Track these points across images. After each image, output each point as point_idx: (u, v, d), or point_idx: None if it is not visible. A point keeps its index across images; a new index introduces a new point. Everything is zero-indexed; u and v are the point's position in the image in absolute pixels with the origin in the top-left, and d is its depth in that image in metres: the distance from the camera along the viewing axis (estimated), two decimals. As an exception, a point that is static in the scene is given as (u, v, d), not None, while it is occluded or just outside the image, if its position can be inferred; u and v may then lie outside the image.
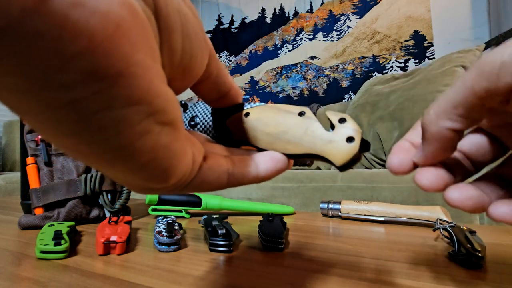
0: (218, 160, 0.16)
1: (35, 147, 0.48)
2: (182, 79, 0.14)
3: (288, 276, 0.26)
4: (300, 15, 2.24)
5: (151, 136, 0.11)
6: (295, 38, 2.24)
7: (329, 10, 2.13)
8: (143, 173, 0.12)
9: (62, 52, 0.08)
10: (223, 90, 0.18)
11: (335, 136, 0.17)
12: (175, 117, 0.12)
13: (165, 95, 0.11)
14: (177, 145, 0.12)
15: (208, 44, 0.15)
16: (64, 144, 0.10)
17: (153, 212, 0.51)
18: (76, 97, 0.08)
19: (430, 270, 0.27)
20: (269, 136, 0.18)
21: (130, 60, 0.09)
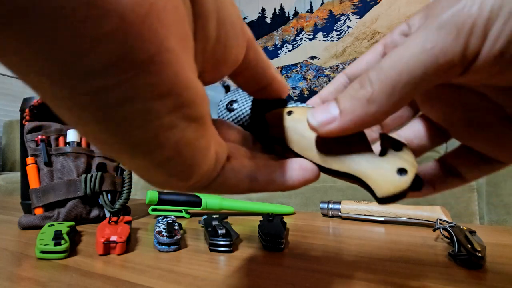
0: (241, 162, 0.15)
1: (35, 147, 0.48)
2: (213, 71, 0.13)
3: (288, 276, 0.26)
4: (300, 15, 2.24)
5: (176, 131, 0.10)
6: (295, 38, 2.24)
7: (329, 10, 2.13)
8: (164, 169, 0.11)
9: (89, 33, 0.07)
10: (263, 83, 0.16)
11: (385, 163, 0.14)
12: (203, 112, 0.11)
13: (195, 88, 0.10)
14: (203, 143, 0.11)
15: (245, 34, 0.13)
16: (86, 131, 0.10)
17: (153, 212, 0.51)
18: (102, 85, 0.08)
19: (430, 270, 0.27)
20: (308, 142, 0.16)
21: (163, 46, 0.08)
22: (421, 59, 0.11)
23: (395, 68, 0.12)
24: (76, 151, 0.48)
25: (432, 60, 0.11)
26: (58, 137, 0.50)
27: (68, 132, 0.50)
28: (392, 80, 0.12)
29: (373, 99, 0.12)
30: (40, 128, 0.49)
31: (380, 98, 0.12)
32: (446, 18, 0.11)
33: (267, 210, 0.54)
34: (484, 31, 0.11)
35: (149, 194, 0.49)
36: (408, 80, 0.12)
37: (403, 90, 0.12)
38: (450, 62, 0.11)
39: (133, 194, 1.28)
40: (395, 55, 0.12)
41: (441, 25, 0.11)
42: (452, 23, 0.11)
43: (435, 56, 0.11)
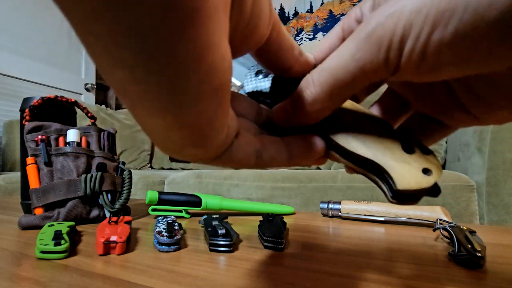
0: (248, 139, 0.15)
1: (35, 147, 0.48)
2: (239, 46, 0.13)
3: (288, 276, 0.26)
4: (300, 15, 2.24)
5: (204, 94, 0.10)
6: (295, 38, 2.25)
7: (329, 10, 2.13)
8: (183, 134, 0.11)
9: None
10: (285, 65, 0.17)
11: (412, 160, 0.15)
12: (228, 81, 0.11)
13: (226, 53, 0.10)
14: (221, 114, 0.12)
15: (273, 14, 0.14)
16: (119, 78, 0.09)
17: (153, 212, 0.51)
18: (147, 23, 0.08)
19: (430, 270, 0.27)
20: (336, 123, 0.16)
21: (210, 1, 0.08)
22: (351, 67, 0.13)
23: (331, 74, 0.14)
24: (76, 151, 0.48)
25: (360, 68, 0.13)
26: (58, 137, 0.50)
27: (68, 132, 0.50)
28: (329, 84, 0.14)
29: (316, 99, 0.15)
30: (40, 128, 0.49)
31: (322, 98, 0.15)
32: (371, 30, 0.13)
33: (267, 210, 0.54)
34: (399, 47, 0.12)
35: (149, 194, 0.49)
36: (341, 84, 0.14)
37: (339, 91, 0.14)
38: (375, 70, 0.13)
39: (133, 194, 1.28)
40: (331, 62, 0.14)
41: (367, 36, 0.13)
42: (375, 36, 0.13)
43: (362, 65, 0.13)
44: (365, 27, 0.13)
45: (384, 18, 0.12)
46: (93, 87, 2.32)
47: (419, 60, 0.12)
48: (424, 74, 0.13)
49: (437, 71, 0.13)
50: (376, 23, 0.13)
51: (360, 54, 0.13)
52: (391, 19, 0.12)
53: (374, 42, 0.13)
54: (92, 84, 2.32)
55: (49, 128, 0.50)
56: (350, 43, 0.13)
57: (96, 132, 0.53)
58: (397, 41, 0.12)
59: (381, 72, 0.13)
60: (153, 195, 0.49)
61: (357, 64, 0.13)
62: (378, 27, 0.13)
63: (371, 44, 0.13)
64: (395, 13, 0.12)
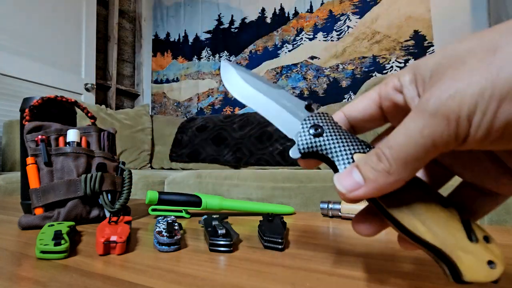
0: None
1: (35, 147, 0.48)
2: None
3: (288, 276, 0.26)
4: (300, 15, 2.24)
5: None
6: (295, 38, 2.24)
7: (329, 10, 2.13)
8: None
9: None
10: None
11: (477, 251, 0.15)
12: None
13: None
14: None
15: None
16: None
17: (153, 212, 0.51)
18: None
19: (430, 270, 0.27)
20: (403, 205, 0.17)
21: None
22: (421, 143, 0.15)
23: (404, 150, 0.15)
24: (76, 151, 0.48)
25: (430, 143, 0.14)
26: (58, 137, 0.50)
27: (68, 132, 0.50)
28: (403, 158, 0.15)
29: (392, 172, 0.16)
30: (40, 128, 0.49)
31: (397, 171, 0.16)
32: (435, 108, 0.14)
33: (267, 210, 0.54)
34: (468, 121, 0.14)
35: (149, 194, 0.49)
36: (414, 157, 0.15)
37: (414, 163, 0.15)
38: (446, 142, 0.14)
39: (133, 194, 1.28)
40: (399, 139, 0.15)
41: (432, 113, 0.14)
42: (441, 113, 0.14)
43: (433, 140, 0.14)
44: (426, 105, 0.14)
45: (445, 99, 0.14)
46: (93, 87, 2.32)
47: (488, 131, 0.13)
48: (491, 143, 0.14)
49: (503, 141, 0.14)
50: (440, 103, 0.14)
51: (428, 131, 0.14)
52: (453, 101, 0.14)
53: (441, 118, 0.14)
54: (92, 84, 2.31)
55: (49, 128, 0.50)
56: (416, 120, 0.15)
57: (96, 132, 0.53)
58: (465, 117, 0.13)
59: (451, 143, 0.14)
60: (153, 195, 0.49)
61: (427, 140, 0.14)
62: (441, 107, 0.14)
63: (438, 120, 0.14)
64: (455, 95, 0.13)
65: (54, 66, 2.09)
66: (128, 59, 2.83)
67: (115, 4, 2.58)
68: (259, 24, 2.38)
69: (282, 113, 0.22)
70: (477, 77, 0.13)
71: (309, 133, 0.19)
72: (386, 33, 1.93)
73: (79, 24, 2.27)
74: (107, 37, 2.59)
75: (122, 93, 2.74)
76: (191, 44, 2.67)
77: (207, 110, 2.56)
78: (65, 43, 2.17)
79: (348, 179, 0.17)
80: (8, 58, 1.81)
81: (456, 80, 0.14)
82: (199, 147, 1.86)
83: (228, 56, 2.50)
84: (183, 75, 2.69)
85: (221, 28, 2.54)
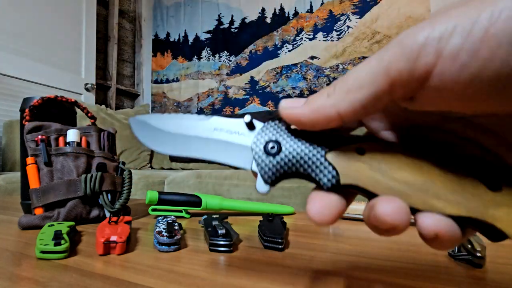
0: None
1: (35, 147, 0.48)
2: None
3: (288, 276, 0.26)
4: (300, 15, 2.24)
5: None
6: (295, 38, 2.24)
7: (329, 10, 2.13)
8: None
9: None
10: None
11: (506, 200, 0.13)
12: None
13: None
14: None
15: None
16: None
17: (153, 212, 0.51)
18: None
19: (430, 270, 0.27)
20: (403, 185, 0.14)
21: None
22: (374, 68, 0.13)
23: (353, 74, 0.13)
24: (76, 151, 0.48)
25: (383, 70, 0.12)
26: (58, 137, 0.50)
27: (68, 132, 0.50)
28: (348, 83, 0.13)
29: (330, 94, 0.14)
30: (40, 128, 0.49)
31: (336, 94, 0.14)
32: (403, 36, 0.12)
33: (267, 210, 0.54)
34: (437, 47, 0.11)
35: (149, 194, 0.49)
36: (360, 84, 0.13)
37: (356, 93, 0.13)
38: (400, 72, 0.12)
39: (133, 194, 1.28)
40: (358, 65, 0.13)
41: (398, 41, 0.12)
42: (408, 38, 0.12)
43: (387, 66, 0.12)
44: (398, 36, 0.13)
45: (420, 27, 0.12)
46: (93, 87, 2.32)
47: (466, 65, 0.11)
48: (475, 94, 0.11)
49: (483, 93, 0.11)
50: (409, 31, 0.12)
51: (386, 55, 0.12)
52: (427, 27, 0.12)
53: (406, 41, 0.12)
54: (92, 84, 2.31)
55: (49, 128, 0.50)
56: (378, 52, 0.13)
57: (96, 132, 0.53)
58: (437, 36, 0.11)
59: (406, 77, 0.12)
60: (153, 195, 0.49)
61: (380, 63, 0.12)
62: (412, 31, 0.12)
63: (402, 43, 0.12)
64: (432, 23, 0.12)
65: (54, 66, 2.09)
66: (128, 59, 2.83)
67: (115, 4, 2.58)
68: (259, 24, 2.38)
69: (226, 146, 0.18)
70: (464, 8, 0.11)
71: (266, 156, 0.16)
72: (386, 33, 1.93)
73: (79, 24, 2.27)
74: (107, 37, 2.59)
75: (122, 93, 2.74)
76: (191, 44, 2.67)
77: (207, 110, 2.56)
78: (65, 43, 2.17)
79: (293, 100, 0.15)
80: (8, 58, 1.81)
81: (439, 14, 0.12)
82: (199, 147, 1.86)
83: (228, 56, 2.50)
84: (183, 75, 2.69)
85: (221, 28, 2.54)
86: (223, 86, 2.50)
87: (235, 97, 2.45)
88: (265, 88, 2.33)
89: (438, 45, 0.11)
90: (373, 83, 0.13)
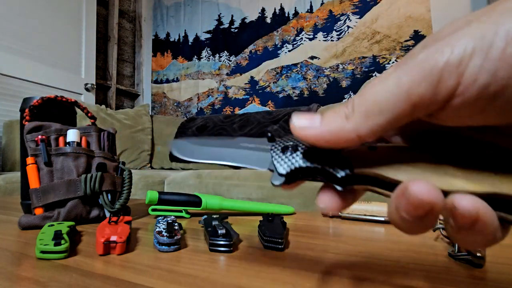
0: None
1: (35, 147, 0.48)
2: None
3: (288, 276, 0.26)
4: (300, 15, 2.24)
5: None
6: (295, 38, 2.24)
7: (329, 10, 2.13)
8: None
9: None
10: None
11: None
12: None
13: None
14: None
15: None
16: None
17: (153, 212, 0.51)
18: None
19: (430, 270, 0.27)
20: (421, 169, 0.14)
21: None
22: (393, 92, 0.12)
23: (372, 98, 0.13)
24: (76, 151, 0.48)
25: (404, 95, 0.12)
26: (58, 137, 0.50)
27: (68, 132, 0.50)
28: (367, 106, 0.13)
29: (349, 117, 0.14)
30: (40, 128, 0.49)
31: (355, 118, 0.13)
32: (422, 57, 0.12)
33: (267, 210, 0.54)
34: (457, 72, 0.11)
35: (149, 194, 0.49)
36: (380, 108, 0.13)
37: (376, 116, 0.13)
38: (422, 97, 0.12)
39: (133, 194, 1.28)
40: (373, 86, 0.13)
41: (416, 63, 0.12)
42: (427, 63, 0.12)
43: (407, 91, 0.12)
44: (413, 55, 0.12)
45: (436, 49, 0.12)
46: (93, 87, 2.32)
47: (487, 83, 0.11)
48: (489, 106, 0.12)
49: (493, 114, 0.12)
50: (428, 52, 0.12)
51: (405, 79, 0.12)
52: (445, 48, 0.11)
53: (426, 64, 0.12)
54: (92, 84, 2.31)
55: (49, 128, 0.50)
56: (396, 70, 0.13)
57: (96, 132, 0.53)
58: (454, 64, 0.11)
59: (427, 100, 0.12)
60: (153, 195, 0.49)
61: (401, 90, 0.12)
62: (429, 56, 0.12)
63: (422, 66, 0.12)
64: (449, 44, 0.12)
65: (54, 66, 2.09)
66: (128, 59, 2.83)
67: (115, 4, 2.58)
68: (259, 24, 2.38)
69: (249, 155, 0.20)
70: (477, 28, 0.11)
71: (283, 153, 0.18)
72: (386, 33, 1.93)
73: (79, 24, 2.27)
74: (107, 37, 2.59)
75: (122, 93, 2.74)
76: (191, 44, 2.67)
77: (207, 110, 2.56)
78: (65, 43, 2.17)
79: (307, 118, 0.15)
80: (8, 58, 1.81)
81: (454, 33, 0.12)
82: (199, 147, 1.86)
83: (228, 56, 2.50)
84: (183, 75, 2.69)
85: (221, 28, 2.54)
86: (223, 86, 2.50)
87: (235, 97, 2.44)
88: (265, 88, 2.33)
89: (458, 69, 0.11)
90: (395, 108, 0.13)
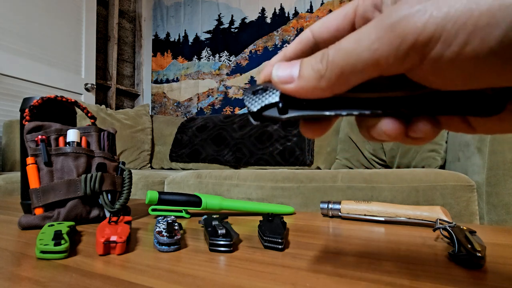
0: None
1: (35, 147, 0.48)
2: None
3: (288, 276, 0.26)
4: (300, 15, 2.24)
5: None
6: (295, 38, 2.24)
7: (329, 10, 2.13)
8: None
9: None
10: None
11: None
12: None
13: None
14: None
15: None
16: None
17: (153, 212, 0.51)
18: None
19: (430, 270, 0.27)
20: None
21: None
22: (365, 57, 0.13)
23: (345, 57, 0.14)
24: (76, 151, 0.48)
25: (373, 61, 0.13)
26: (58, 137, 0.50)
27: (68, 132, 0.50)
28: (341, 66, 0.14)
29: (324, 77, 0.14)
30: (40, 128, 0.49)
31: (330, 78, 0.14)
32: (396, 20, 0.12)
33: (267, 210, 0.54)
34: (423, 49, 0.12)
35: (149, 194, 0.49)
36: (352, 70, 0.13)
37: (348, 76, 0.14)
38: (389, 65, 0.13)
39: (133, 194, 1.28)
40: (348, 44, 0.14)
41: (390, 26, 0.12)
42: (399, 29, 0.12)
43: (377, 57, 0.13)
44: (389, 15, 0.12)
45: (415, 10, 0.12)
46: (93, 87, 2.32)
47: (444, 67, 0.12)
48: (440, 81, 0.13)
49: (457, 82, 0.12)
50: (404, 14, 0.12)
51: (377, 45, 0.12)
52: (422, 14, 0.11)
53: (396, 35, 0.12)
54: (92, 84, 2.31)
55: (49, 128, 0.50)
56: (372, 30, 0.13)
57: (96, 132, 0.53)
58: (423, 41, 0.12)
59: (394, 68, 0.13)
60: (153, 195, 0.49)
61: (372, 55, 0.13)
62: (404, 20, 0.12)
63: (392, 36, 0.12)
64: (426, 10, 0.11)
65: (54, 66, 2.09)
66: (128, 59, 2.83)
67: (115, 4, 2.58)
68: (259, 24, 2.38)
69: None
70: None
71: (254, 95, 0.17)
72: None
73: (79, 24, 2.27)
74: (107, 37, 2.59)
75: (122, 93, 2.74)
76: (191, 44, 2.67)
77: (207, 110, 2.56)
78: (65, 43, 2.17)
79: (286, 70, 0.16)
80: (8, 58, 1.81)
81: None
82: (199, 147, 1.86)
83: (228, 56, 2.50)
84: (183, 75, 2.69)
85: (221, 28, 2.54)
86: (223, 86, 2.50)
87: (235, 97, 2.44)
88: (265, 88, 2.33)
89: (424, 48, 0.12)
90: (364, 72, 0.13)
